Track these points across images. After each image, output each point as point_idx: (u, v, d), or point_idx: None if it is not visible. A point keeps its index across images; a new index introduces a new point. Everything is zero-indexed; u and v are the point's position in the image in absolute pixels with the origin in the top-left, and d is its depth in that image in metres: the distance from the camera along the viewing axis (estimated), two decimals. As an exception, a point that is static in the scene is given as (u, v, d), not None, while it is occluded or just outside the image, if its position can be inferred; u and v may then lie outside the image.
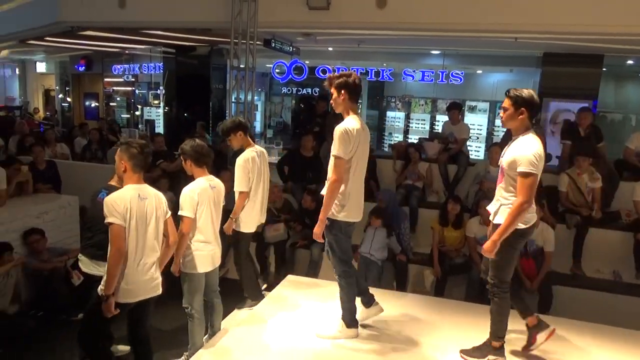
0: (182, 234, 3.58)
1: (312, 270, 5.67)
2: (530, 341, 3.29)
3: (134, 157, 3.11)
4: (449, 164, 6.53)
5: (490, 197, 5.19)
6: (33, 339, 4.46)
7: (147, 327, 3.44)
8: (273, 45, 8.66)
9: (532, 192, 2.87)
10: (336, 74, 3.26)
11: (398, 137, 14.00)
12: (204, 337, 3.90)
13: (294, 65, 10.43)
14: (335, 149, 3.11)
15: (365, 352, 3.29)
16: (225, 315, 4.23)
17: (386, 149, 13.63)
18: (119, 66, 15.41)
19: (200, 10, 7.61)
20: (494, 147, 6.07)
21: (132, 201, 3.05)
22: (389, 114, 14.97)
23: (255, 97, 8.88)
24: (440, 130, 7.84)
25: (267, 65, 12.07)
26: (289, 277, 4.71)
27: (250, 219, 4.38)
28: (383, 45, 10.36)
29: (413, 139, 12.78)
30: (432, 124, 13.94)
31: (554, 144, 6.75)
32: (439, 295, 5.10)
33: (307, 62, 11.28)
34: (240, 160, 4.22)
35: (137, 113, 16.30)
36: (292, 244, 5.89)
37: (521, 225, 2.96)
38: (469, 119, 13.03)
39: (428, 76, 11.12)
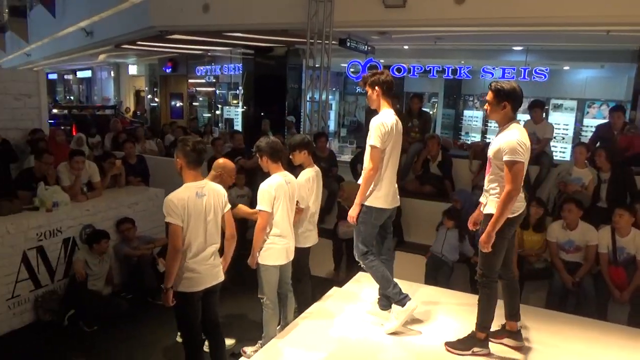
0: (259, 228, 3.72)
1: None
2: (496, 335, 3.30)
3: (188, 154, 3.23)
4: (529, 165, 6.22)
5: (574, 199, 4.94)
6: (124, 318, 4.85)
7: (217, 315, 3.59)
8: (348, 44, 8.73)
9: (520, 180, 2.89)
10: (370, 73, 3.44)
11: (475, 137, 13.56)
12: (277, 328, 4.04)
13: (368, 64, 10.42)
14: (371, 139, 3.28)
15: (429, 353, 3.25)
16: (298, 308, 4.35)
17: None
18: (201, 68, 16.23)
19: (277, 11, 7.85)
20: (579, 147, 5.71)
21: (189, 201, 3.18)
22: (466, 112, 14.54)
23: (330, 96, 9.00)
24: (521, 130, 7.49)
25: (342, 65, 12.16)
26: (360, 273, 4.74)
27: (309, 233, 4.42)
28: (461, 42, 10.09)
29: (491, 139, 12.33)
30: (512, 124, 13.35)
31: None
32: (515, 300, 4.88)
33: (381, 60, 11.24)
34: (302, 179, 4.26)
35: (218, 112, 17.07)
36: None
37: (509, 215, 2.95)
38: (554, 118, 12.35)
39: (509, 73, 10.65)
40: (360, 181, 3.39)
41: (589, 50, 10.07)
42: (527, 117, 6.59)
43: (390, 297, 3.47)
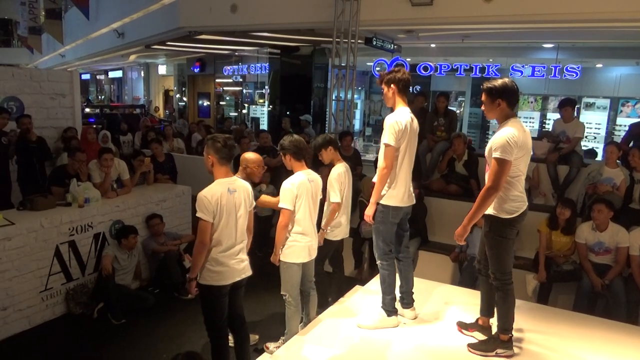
0: (281, 226, 3.76)
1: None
2: (468, 328, 3.42)
3: (219, 150, 3.29)
4: (559, 164, 6.09)
5: (605, 200, 4.80)
6: (151, 312, 4.97)
7: (242, 309, 3.66)
8: (374, 43, 8.70)
9: (501, 178, 2.84)
10: (386, 71, 3.46)
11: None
12: (299, 325, 4.07)
13: (395, 63, 10.37)
14: (385, 137, 3.27)
15: (450, 355, 3.23)
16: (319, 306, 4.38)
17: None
18: (229, 67, 16.44)
19: (304, 11, 7.88)
20: (610, 147, 5.53)
21: (222, 197, 3.25)
22: (494, 111, 14.27)
23: (355, 96, 8.99)
24: (550, 129, 7.32)
25: (368, 64, 12.14)
26: (383, 273, 4.73)
27: (341, 228, 4.50)
28: (489, 39, 9.92)
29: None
30: (542, 123, 13.07)
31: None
32: (542, 302, 4.79)
33: (408, 59, 11.15)
34: (334, 174, 4.32)
35: (244, 111, 17.25)
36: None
37: (507, 215, 2.94)
38: (586, 117, 12.04)
39: (539, 71, 10.42)
40: (375, 179, 3.39)
41: (623, 47, 9.78)
42: (557, 115, 6.45)
43: (382, 303, 3.56)
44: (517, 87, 2.93)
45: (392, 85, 3.35)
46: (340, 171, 4.37)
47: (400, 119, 3.27)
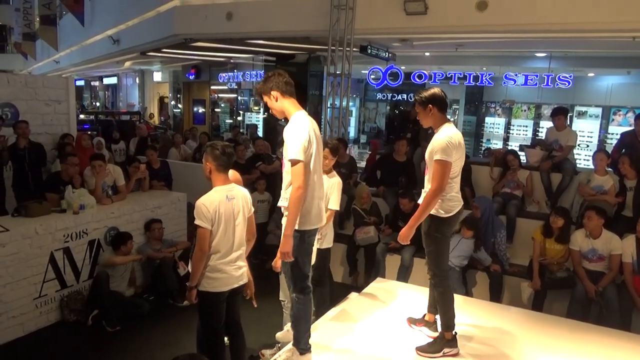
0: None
1: (403, 275, 5.65)
2: (416, 322, 3.58)
3: (218, 158, 3.30)
4: (552, 172, 6.15)
5: (593, 205, 4.86)
6: (145, 319, 4.95)
7: (239, 315, 3.67)
8: (369, 51, 8.76)
9: (444, 179, 2.99)
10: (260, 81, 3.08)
11: (497, 144, 13.44)
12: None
13: (389, 71, 10.45)
14: (290, 151, 2.80)
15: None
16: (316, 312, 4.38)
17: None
18: (224, 74, 16.47)
19: (300, 19, 7.94)
20: (599, 154, 5.61)
21: (220, 204, 3.27)
22: (488, 119, 14.41)
23: (350, 103, 9.03)
24: (543, 137, 7.40)
25: (363, 72, 12.21)
26: (379, 279, 4.75)
27: (329, 237, 4.40)
28: (483, 48, 10.02)
29: (513, 146, 12.18)
30: (535, 131, 13.19)
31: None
32: (537, 309, 4.83)
33: (402, 67, 11.23)
34: (334, 182, 4.23)
35: (239, 118, 17.28)
36: (385, 245, 5.87)
37: (444, 214, 3.09)
38: (578, 125, 12.17)
39: (532, 80, 10.52)
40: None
41: (614, 57, 9.91)
42: (550, 124, 6.52)
43: (295, 341, 3.12)
44: (445, 94, 3.17)
45: (272, 93, 2.90)
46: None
47: (301, 131, 2.80)
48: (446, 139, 2.99)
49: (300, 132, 2.80)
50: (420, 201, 3.17)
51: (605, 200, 5.29)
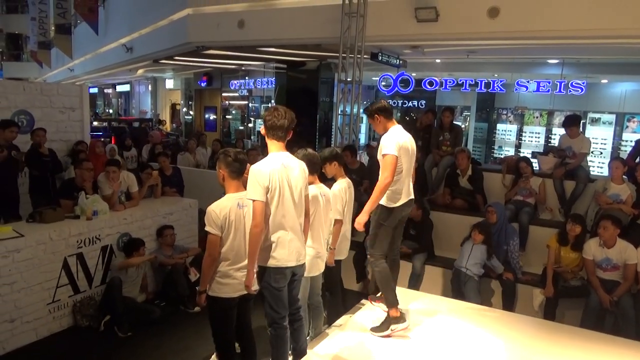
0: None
1: (413, 283, 5.62)
2: (375, 299, 3.92)
3: (230, 164, 3.33)
4: (565, 179, 6.09)
5: (609, 214, 4.79)
6: (157, 325, 4.97)
7: (250, 321, 3.68)
8: (380, 58, 8.78)
9: (392, 170, 3.40)
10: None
11: (509, 151, 13.34)
12: (307, 338, 4.05)
13: (400, 78, 10.45)
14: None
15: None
16: (327, 319, 4.37)
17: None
18: (235, 81, 16.60)
19: (311, 27, 7.99)
20: (615, 162, 5.52)
21: (231, 211, 3.29)
22: (500, 126, 14.32)
23: (361, 110, 9.04)
24: (556, 144, 7.33)
25: (374, 78, 12.22)
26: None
27: (343, 245, 4.41)
28: (494, 55, 9.99)
29: (525, 153, 12.10)
30: (547, 138, 13.07)
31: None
32: (549, 317, 4.77)
33: (413, 74, 11.23)
34: (335, 190, 4.24)
35: (250, 125, 17.37)
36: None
37: (391, 204, 3.54)
38: (591, 132, 12.04)
39: (544, 86, 10.45)
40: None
41: (628, 63, 9.81)
42: (563, 130, 6.46)
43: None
44: (389, 105, 3.71)
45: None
46: (341, 187, 4.28)
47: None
48: (391, 137, 3.49)
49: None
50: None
51: (621, 209, 5.21)
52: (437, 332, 3.72)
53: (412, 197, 3.65)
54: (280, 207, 3.11)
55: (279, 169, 3.10)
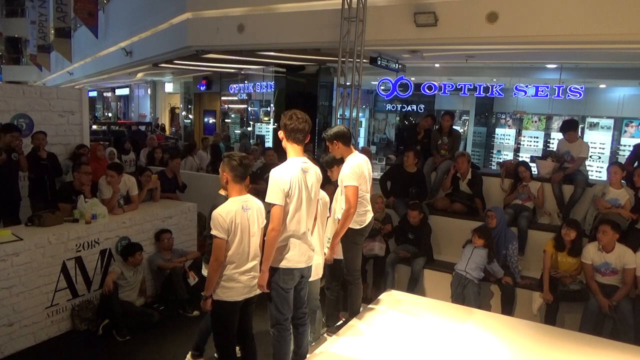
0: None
1: (412, 287, 5.62)
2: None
3: (235, 168, 3.36)
4: (564, 184, 6.10)
5: (608, 219, 4.80)
6: (155, 329, 4.96)
7: (251, 326, 3.69)
8: (379, 62, 8.81)
9: (355, 200, 3.67)
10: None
11: (508, 156, 13.36)
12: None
13: (399, 82, 10.49)
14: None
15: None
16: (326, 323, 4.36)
17: (494, 167, 13.07)
18: (234, 85, 16.60)
19: (310, 31, 8.01)
20: (613, 167, 5.53)
21: (237, 214, 3.30)
22: (498, 131, 14.34)
23: (360, 114, 9.06)
24: (555, 149, 7.35)
25: (373, 83, 12.26)
26: (389, 291, 4.73)
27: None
28: (493, 60, 10.02)
29: (524, 157, 12.12)
30: (546, 142, 13.10)
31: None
32: (549, 322, 4.77)
33: (412, 78, 11.26)
34: (351, 164, 4.12)
35: (249, 129, 17.38)
36: (395, 255, 5.82)
37: (358, 226, 3.87)
38: (590, 136, 12.07)
39: (542, 91, 10.49)
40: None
41: (626, 68, 9.85)
42: (561, 135, 6.48)
43: None
44: (347, 130, 3.87)
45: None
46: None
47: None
48: (350, 169, 3.69)
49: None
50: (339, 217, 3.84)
51: (620, 213, 5.22)
52: (437, 336, 3.72)
53: (371, 210, 4.00)
54: (296, 211, 3.25)
55: (298, 174, 3.23)
